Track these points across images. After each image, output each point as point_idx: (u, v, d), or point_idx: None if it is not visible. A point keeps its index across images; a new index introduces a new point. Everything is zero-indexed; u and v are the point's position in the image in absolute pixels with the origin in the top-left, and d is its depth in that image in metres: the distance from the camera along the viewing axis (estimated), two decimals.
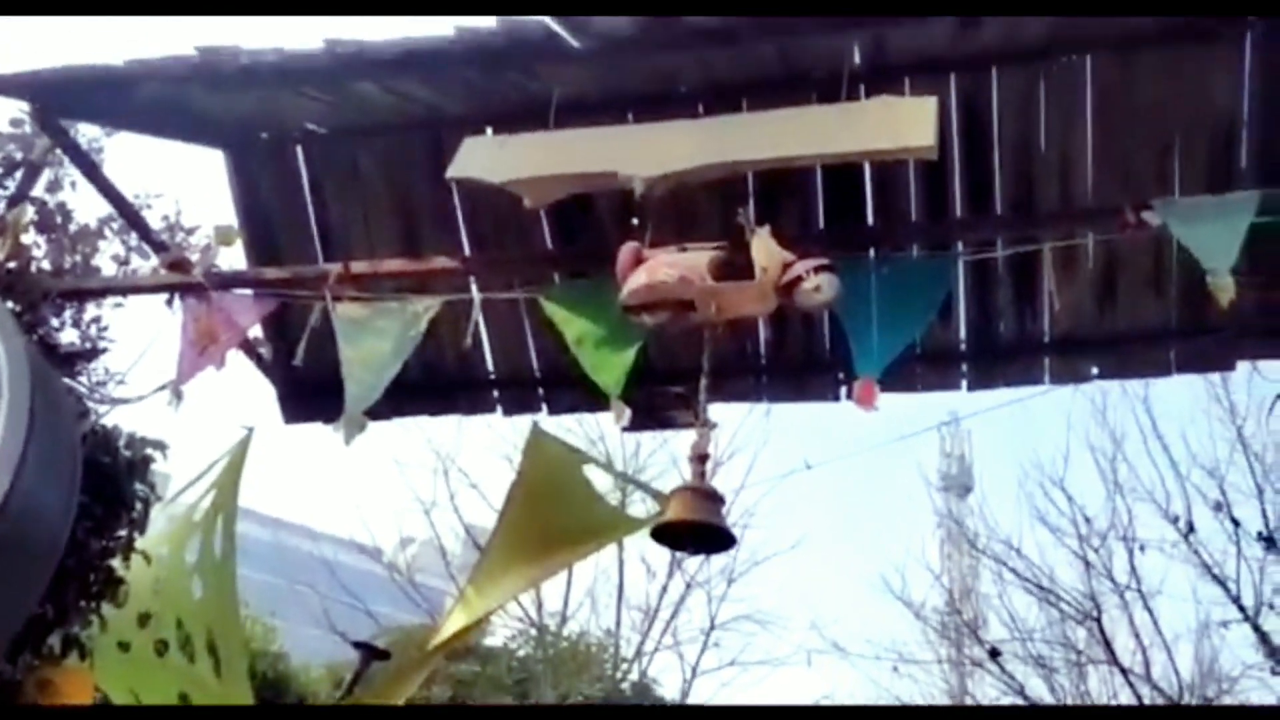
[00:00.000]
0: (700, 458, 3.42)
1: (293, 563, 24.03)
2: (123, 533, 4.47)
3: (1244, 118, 3.88)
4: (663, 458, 16.96)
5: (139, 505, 4.52)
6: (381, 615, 19.90)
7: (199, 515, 4.99)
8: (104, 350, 4.26)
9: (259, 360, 4.63)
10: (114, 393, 4.32)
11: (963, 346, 4.29)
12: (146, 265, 4.38)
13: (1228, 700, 14.33)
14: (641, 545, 21.43)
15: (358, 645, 10.14)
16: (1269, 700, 13.55)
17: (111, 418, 4.47)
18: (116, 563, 4.45)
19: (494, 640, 19.10)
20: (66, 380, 4.17)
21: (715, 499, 3.36)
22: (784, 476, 20.51)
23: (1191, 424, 23.39)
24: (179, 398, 4.13)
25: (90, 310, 4.52)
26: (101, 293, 4.26)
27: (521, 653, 18.25)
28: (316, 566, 22.63)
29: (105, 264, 4.52)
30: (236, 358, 4.51)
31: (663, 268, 3.37)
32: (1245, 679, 14.13)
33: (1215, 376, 14.10)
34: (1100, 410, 15.06)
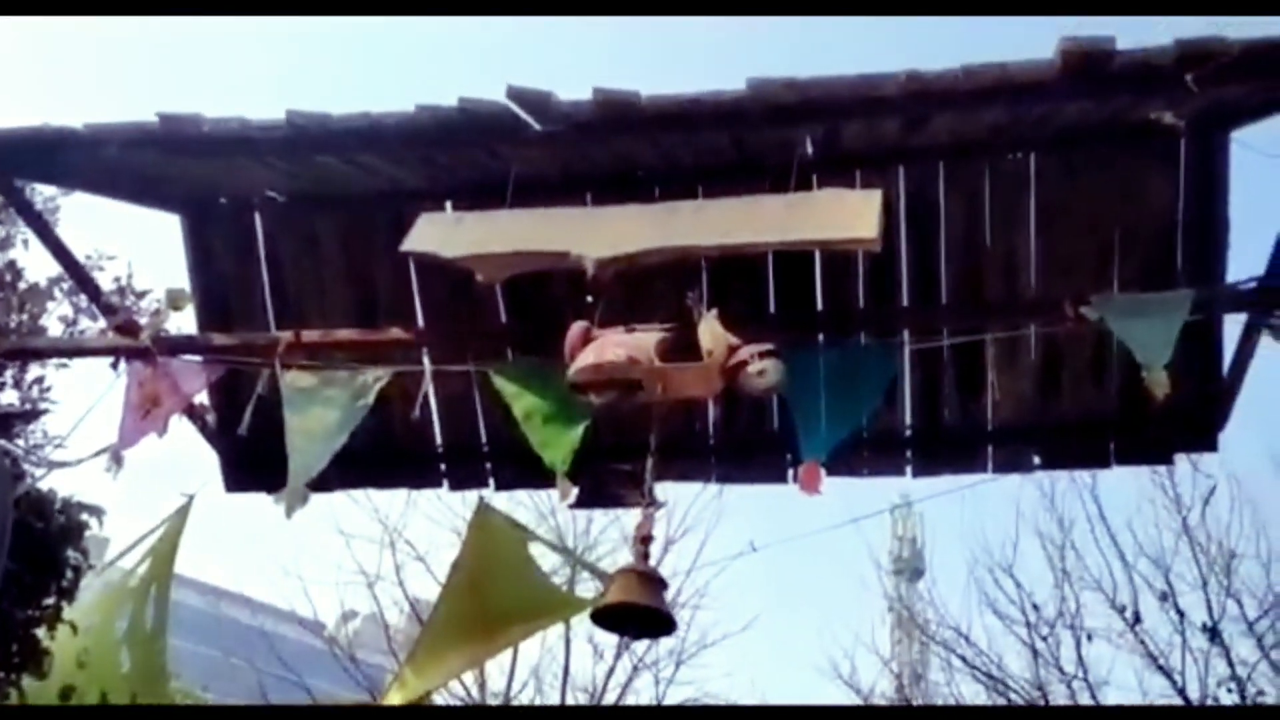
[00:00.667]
0: (644, 539, 3.41)
1: (230, 634, 23.33)
2: (50, 601, 4.35)
3: (1179, 218, 4.03)
4: (615, 533, 16.79)
5: (70, 573, 4.41)
6: (319, 690, 19.31)
7: (133, 583, 4.85)
8: (44, 412, 4.21)
9: (203, 427, 4.56)
10: (52, 456, 4.24)
11: (908, 433, 4.34)
12: (94, 327, 4.33)
13: None
14: (589, 625, 21.11)
15: None
16: None
17: (48, 482, 4.38)
18: (41, 633, 4.32)
19: None
20: (2, 442, 4.09)
21: (657, 582, 3.34)
22: (732, 559, 20.47)
23: (1138, 513, 23.60)
24: (118, 463, 4.05)
25: (33, 371, 4.46)
26: (46, 353, 4.20)
27: None
28: (254, 638, 22.01)
29: (52, 325, 4.47)
30: (180, 424, 4.44)
31: (611, 347, 3.39)
32: None
33: (1160, 467, 14.39)
34: (1049, 497, 15.22)
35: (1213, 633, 13.50)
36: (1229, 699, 13.26)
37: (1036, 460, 4.36)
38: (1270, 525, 13.58)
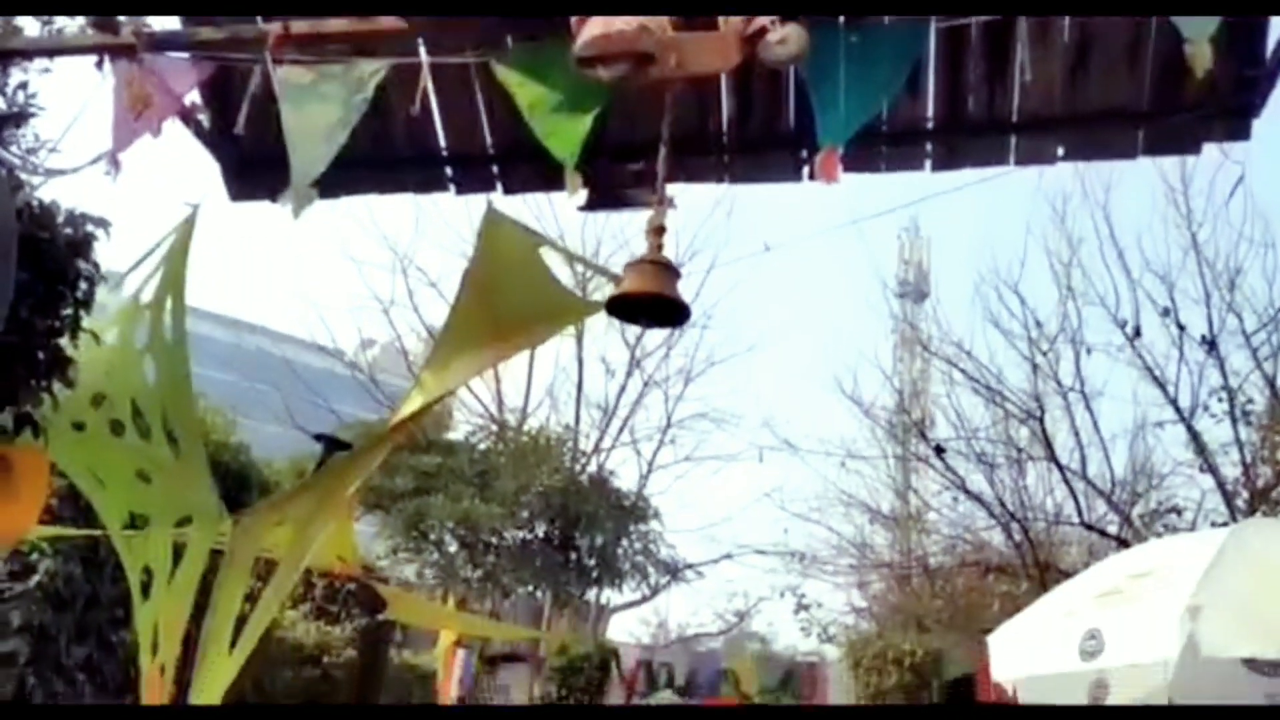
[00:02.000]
0: (657, 230, 3.35)
1: (253, 363, 24.15)
2: (68, 312, 4.38)
3: None
4: (623, 258, 16.95)
5: (83, 284, 4.41)
6: (344, 413, 20.18)
7: (147, 297, 4.88)
8: (33, 115, 4.05)
9: (199, 130, 4.42)
10: (47, 163, 4.13)
11: (929, 124, 4.18)
12: (73, 24, 4.10)
13: (1154, 495, 15.11)
14: (601, 345, 21.68)
15: (319, 437, 10.30)
16: (1194, 496, 14.31)
17: (49, 193, 4.30)
18: (64, 341, 4.38)
19: (455, 434, 19.54)
20: None
21: (671, 271, 3.32)
22: (740, 259, 20.47)
23: (1148, 230, 23.72)
24: (116, 167, 3.95)
25: (15, 76, 4.26)
26: (25, 53, 3.99)
27: (482, 446, 18.72)
28: (277, 367, 22.77)
29: (28, 25, 4.22)
30: (175, 129, 4.30)
31: (620, 18, 3.18)
32: (1174, 476, 14.88)
33: (1176, 181, 14.18)
34: (1059, 215, 15.18)
35: (1210, 344, 13.80)
36: (1219, 408, 13.75)
37: (1060, 151, 4.21)
38: None
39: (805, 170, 4.24)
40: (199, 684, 4.47)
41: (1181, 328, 13.83)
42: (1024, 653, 6.00)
